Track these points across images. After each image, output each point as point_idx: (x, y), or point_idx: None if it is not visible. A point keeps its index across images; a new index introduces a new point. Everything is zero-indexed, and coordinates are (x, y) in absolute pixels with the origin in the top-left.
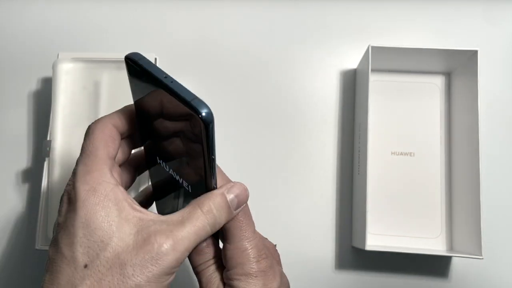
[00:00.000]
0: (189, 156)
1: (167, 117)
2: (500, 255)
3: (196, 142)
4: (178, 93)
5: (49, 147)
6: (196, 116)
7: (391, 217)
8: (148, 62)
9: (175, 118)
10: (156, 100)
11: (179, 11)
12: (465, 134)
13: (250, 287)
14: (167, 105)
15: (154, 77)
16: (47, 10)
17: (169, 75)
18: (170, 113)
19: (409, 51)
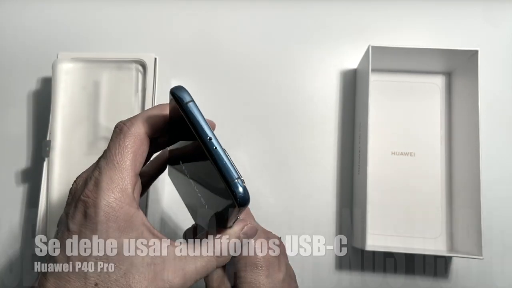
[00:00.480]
0: (216, 196)
1: (204, 159)
2: (500, 255)
3: (226, 204)
4: (220, 166)
5: (48, 147)
6: (232, 197)
7: (391, 217)
8: (194, 110)
9: (212, 175)
10: (196, 147)
11: (179, 11)
12: (465, 134)
13: (256, 276)
14: (206, 162)
15: (197, 132)
16: (47, 10)
17: (214, 134)
18: (205, 168)
19: (409, 51)
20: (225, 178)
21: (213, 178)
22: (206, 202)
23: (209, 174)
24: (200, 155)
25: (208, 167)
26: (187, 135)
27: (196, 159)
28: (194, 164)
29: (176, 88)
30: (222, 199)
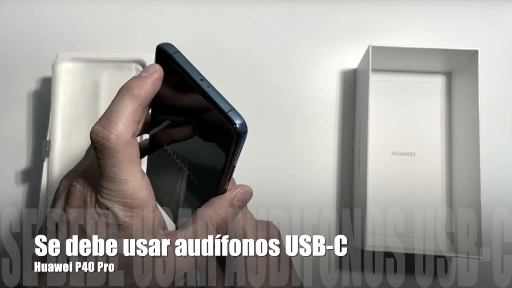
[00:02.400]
0: (208, 156)
1: (194, 117)
2: (500, 255)
3: (222, 148)
4: (215, 101)
5: (48, 147)
6: (231, 126)
7: (391, 217)
8: (183, 59)
9: (204, 121)
10: (186, 98)
11: (179, 11)
12: (466, 134)
13: (255, 278)
14: (199, 106)
15: (189, 77)
16: (47, 10)
17: (204, 77)
18: (200, 115)
19: (409, 51)
20: (222, 109)
21: (207, 125)
22: (197, 172)
23: (203, 123)
24: (192, 104)
25: (202, 113)
26: (177, 87)
27: (188, 114)
28: (183, 129)
29: (162, 44)
30: (218, 144)
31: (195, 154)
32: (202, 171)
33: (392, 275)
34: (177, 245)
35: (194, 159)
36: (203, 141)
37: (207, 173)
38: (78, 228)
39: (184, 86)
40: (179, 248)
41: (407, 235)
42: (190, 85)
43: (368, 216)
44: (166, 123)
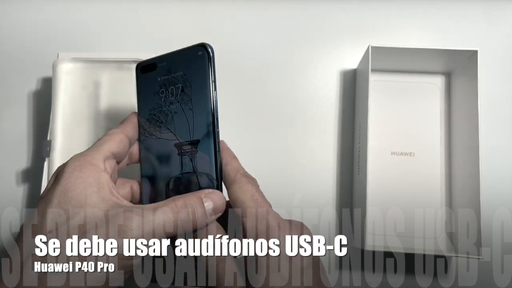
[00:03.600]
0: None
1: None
2: (500, 255)
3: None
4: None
5: (49, 147)
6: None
7: (391, 217)
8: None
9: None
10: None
11: (179, 11)
12: (465, 134)
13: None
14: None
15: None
16: (47, 10)
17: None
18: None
19: (409, 51)
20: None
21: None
22: (196, 159)
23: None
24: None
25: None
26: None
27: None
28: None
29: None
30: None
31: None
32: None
33: (392, 275)
34: (177, 245)
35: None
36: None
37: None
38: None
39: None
40: (179, 249)
41: (407, 235)
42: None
43: (368, 216)
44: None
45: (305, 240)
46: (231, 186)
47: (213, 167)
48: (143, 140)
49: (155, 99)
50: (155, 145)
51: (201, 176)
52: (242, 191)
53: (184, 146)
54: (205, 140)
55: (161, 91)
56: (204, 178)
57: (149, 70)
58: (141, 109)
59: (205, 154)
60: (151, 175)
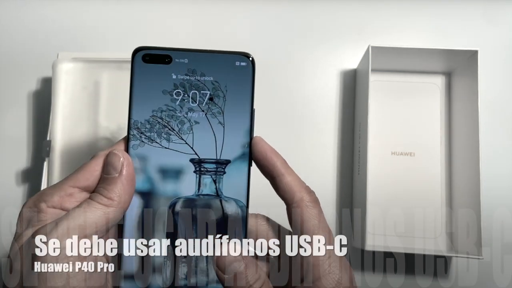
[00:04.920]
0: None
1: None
2: (500, 255)
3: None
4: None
5: (49, 147)
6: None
7: (391, 217)
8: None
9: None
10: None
11: (179, 11)
12: (465, 134)
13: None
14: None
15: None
16: (47, 10)
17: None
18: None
19: (409, 51)
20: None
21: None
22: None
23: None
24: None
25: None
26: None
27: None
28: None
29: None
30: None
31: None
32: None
33: (392, 275)
34: (177, 245)
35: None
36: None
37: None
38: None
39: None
40: (179, 248)
41: (407, 235)
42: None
43: (368, 216)
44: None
45: (305, 240)
46: (295, 207)
47: (245, 194)
48: (134, 146)
49: (164, 100)
50: (155, 155)
51: (227, 201)
52: (308, 215)
53: (207, 164)
54: (238, 162)
55: (176, 92)
56: (231, 204)
57: (158, 62)
58: (138, 106)
59: (236, 178)
60: (143, 191)
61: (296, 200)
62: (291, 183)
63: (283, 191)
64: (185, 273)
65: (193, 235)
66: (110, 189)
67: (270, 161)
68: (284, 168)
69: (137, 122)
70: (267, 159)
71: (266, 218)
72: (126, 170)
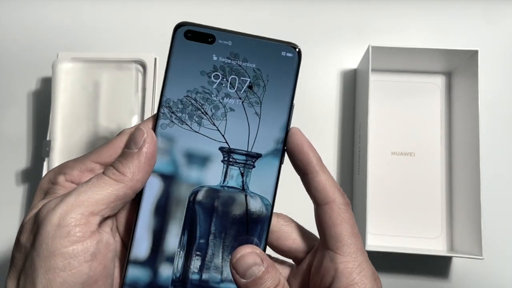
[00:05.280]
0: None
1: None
2: (500, 255)
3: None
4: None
5: (48, 147)
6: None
7: (391, 217)
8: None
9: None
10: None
11: (179, 11)
12: (465, 134)
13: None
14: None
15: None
16: (47, 10)
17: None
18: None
19: (409, 51)
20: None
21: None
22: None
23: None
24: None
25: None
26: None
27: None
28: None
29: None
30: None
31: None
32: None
33: (392, 275)
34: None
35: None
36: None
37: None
38: None
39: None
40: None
41: (407, 235)
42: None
43: (368, 216)
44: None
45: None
46: (327, 208)
47: (272, 192)
48: (162, 125)
49: (201, 81)
50: (183, 138)
51: (252, 197)
52: (341, 219)
53: (236, 155)
54: (270, 158)
55: (214, 75)
56: (256, 201)
57: (200, 40)
58: (172, 84)
59: (265, 174)
60: (165, 174)
61: (328, 201)
62: (325, 182)
63: (315, 189)
64: (197, 267)
65: (212, 228)
66: (125, 163)
67: (307, 156)
68: (319, 165)
69: (169, 101)
70: (304, 153)
71: (289, 218)
72: (146, 147)
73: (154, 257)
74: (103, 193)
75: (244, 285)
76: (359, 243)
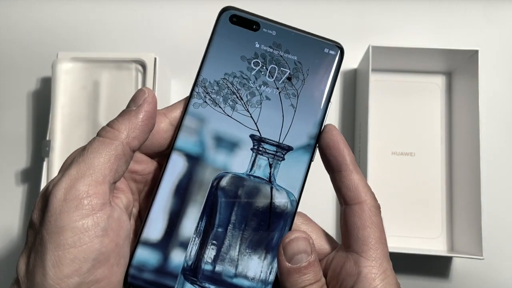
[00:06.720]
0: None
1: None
2: (500, 255)
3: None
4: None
5: (48, 147)
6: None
7: (391, 217)
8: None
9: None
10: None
11: (179, 11)
12: (466, 134)
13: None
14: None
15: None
16: (47, 10)
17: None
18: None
19: (409, 50)
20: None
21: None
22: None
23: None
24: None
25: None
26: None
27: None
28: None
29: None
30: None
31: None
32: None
33: None
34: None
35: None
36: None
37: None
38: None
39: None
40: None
41: (407, 235)
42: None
43: None
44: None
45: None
46: (357, 208)
47: (299, 188)
48: (195, 104)
49: (240, 66)
50: (214, 120)
51: (278, 191)
52: (371, 221)
53: (267, 144)
54: (301, 152)
55: (254, 62)
56: (282, 195)
57: (245, 26)
58: (211, 65)
59: (294, 168)
60: (190, 154)
61: (360, 201)
62: (358, 182)
63: (347, 187)
64: (212, 257)
65: (232, 217)
66: (121, 120)
67: (341, 153)
68: (354, 164)
69: (205, 81)
70: (339, 150)
71: (308, 217)
72: (145, 106)
73: (167, 240)
74: (102, 156)
75: (287, 270)
76: (386, 250)
